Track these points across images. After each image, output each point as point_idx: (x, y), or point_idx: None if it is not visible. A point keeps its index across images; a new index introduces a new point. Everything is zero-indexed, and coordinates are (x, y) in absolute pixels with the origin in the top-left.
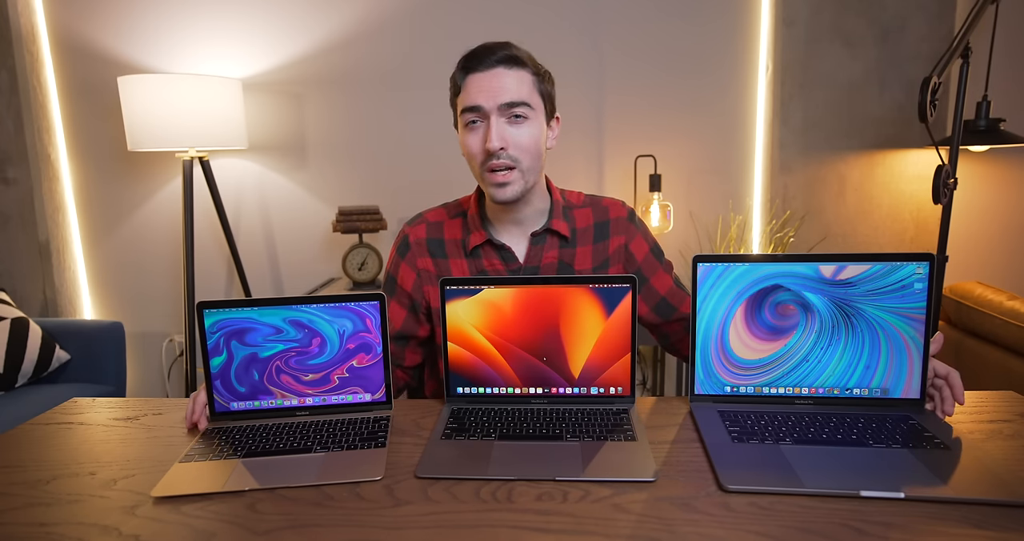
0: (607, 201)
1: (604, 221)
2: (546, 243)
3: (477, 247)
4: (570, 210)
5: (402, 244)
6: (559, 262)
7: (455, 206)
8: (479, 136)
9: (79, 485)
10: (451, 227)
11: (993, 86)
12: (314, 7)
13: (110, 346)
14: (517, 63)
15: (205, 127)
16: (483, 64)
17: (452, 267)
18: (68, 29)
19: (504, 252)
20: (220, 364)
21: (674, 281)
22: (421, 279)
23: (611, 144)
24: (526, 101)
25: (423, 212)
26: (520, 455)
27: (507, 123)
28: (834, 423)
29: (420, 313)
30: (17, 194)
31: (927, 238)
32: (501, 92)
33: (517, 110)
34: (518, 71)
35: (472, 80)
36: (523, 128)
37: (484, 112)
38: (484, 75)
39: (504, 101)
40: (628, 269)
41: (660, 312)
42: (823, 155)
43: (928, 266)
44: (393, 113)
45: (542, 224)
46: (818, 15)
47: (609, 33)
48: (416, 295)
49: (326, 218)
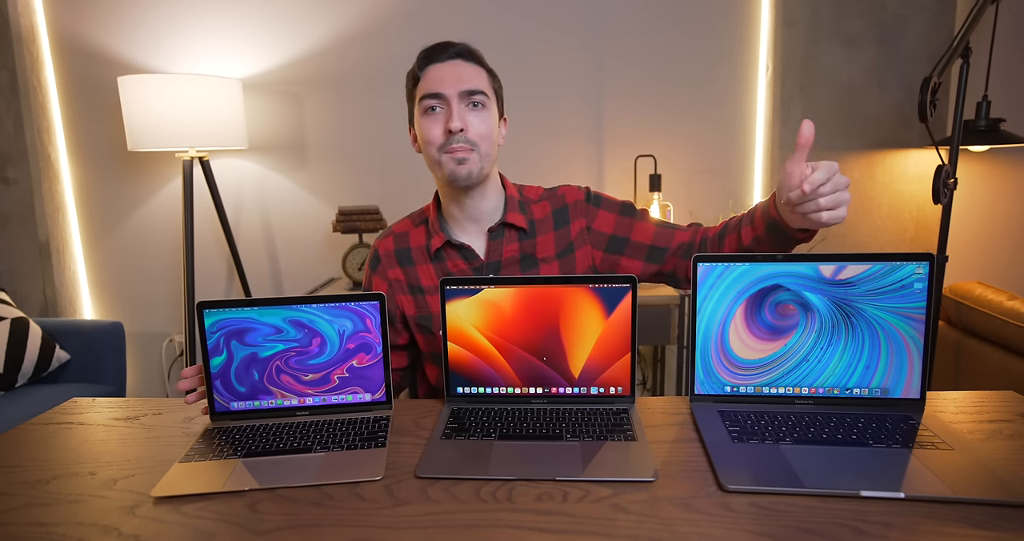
0: (563, 189)
1: (562, 207)
2: (504, 237)
3: (439, 249)
4: (527, 205)
5: (373, 258)
6: (520, 254)
7: (418, 215)
8: (439, 121)
9: (79, 485)
10: (416, 235)
11: (993, 86)
12: (314, 7)
13: (110, 346)
14: (473, 58)
15: (205, 127)
16: (443, 56)
17: (420, 274)
18: (68, 29)
19: (465, 251)
20: (220, 364)
21: (655, 224)
22: (393, 289)
23: (611, 144)
24: (484, 90)
25: (391, 225)
26: (520, 455)
27: (467, 109)
28: (834, 423)
29: (397, 322)
30: (17, 194)
31: (927, 238)
32: (460, 80)
33: (476, 98)
34: (474, 65)
35: (432, 70)
36: (482, 114)
37: (445, 98)
38: (443, 66)
39: (465, 89)
40: (598, 247)
41: (654, 258)
42: (823, 155)
43: (928, 266)
44: (393, 113)
45: (497, 219)
46: (818, 15)
47: (610, 33)
48: (391, 306)
49: (326, 218)
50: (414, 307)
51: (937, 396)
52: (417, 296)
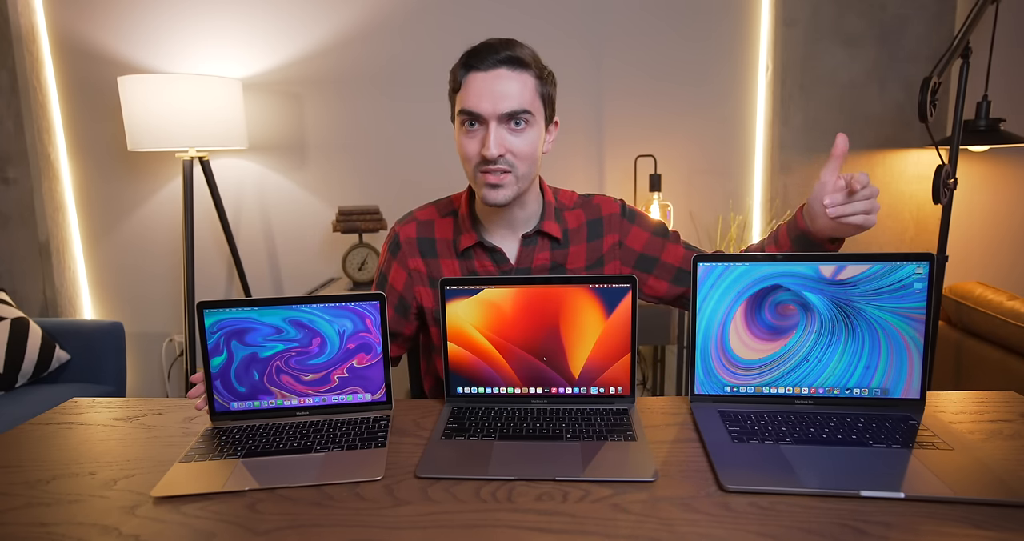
0: (598, 198)
1: (597, 218)
2: (537, 245)
3: (468, 248)
4: (562, 212)
5: (393, 243)
6: (551, 263)
7: (446, 204)
8: (476, 141)
9: (79, 485)
10: (442, 226)
11: (993, 86)
12: (314, 7)
13: (110, 346)
14: (520, 65)
15: (205, 127)
16: (485, 63)
17: (443, 267)
18: (68, 29)
19: (495, 254)
20: (220, 364)
21: (684, 247)
22: (412, 279)
23: (611, 144)
24: (527, 109)
25: (413, 210)
26: (520, 455)
27: (507, 131)
28: (834, 423)
29: (410, 313)
30: (17, 194)
31: (927, 238)
32: (502, 99)
33: (518, 117)
34: (521, 74)
35: (473, 79)
36: (523, 136)
37: (483, 119)
38: (486, 76)
39: (505, 111)
40: (627, 263)
41: (681, 281)
42: (823, 155)
43: (928, 266)
44: (393, 113)
45: (533, 226)
46: (818, 15)
47: (610, 32)
48: (407, 295)
49: (326, 218)
50: (433, 300)
51: (937, 396)
52: (437, 290)
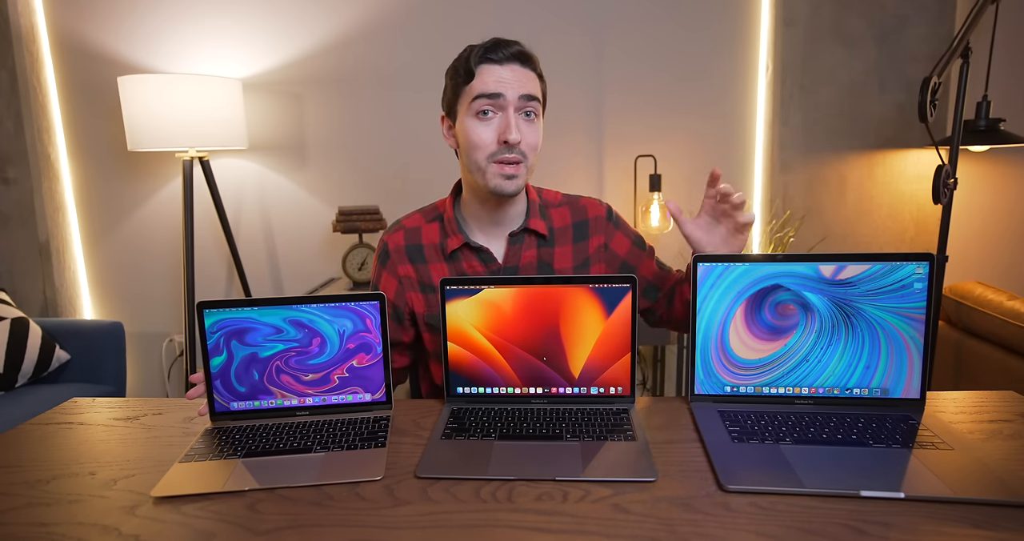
0: (584, 200)
1: (583, 220)
2: (524, 243)
3: (455, 250)
4: (547, 209)
5: (382, 253)
6: (538, 261)
7: (431, 210)
8: (492, 127)
9: (79, 485)
10: (429, 232)
11: (993, 86)
12: (314, 7)
13: (110, 346)
14: (529, 62)
15: (205, 127)
16: (501, 56)
17: (432, 272)
18: (68, 29)
19: (483, 254)
20: (220, 364)
21: (656, 264)
22: (403, 286)
23: (611, 144)
24: (538, 97)
25: (400, 218)
26: (520, 455)
27: (521, 119)
28: (834, 423)
29: (404, 320)
30: (17, 194)
31: (927, 238)
32: (519, 84)
33: (531, 105)
34: (528, 70)
35: (488, 69)
36: (534, 125)
37: (502, 102)
38: (502, 68)
39: (524, 93)
40: (612, 267)
41: (647, 295)
42: (823, 155)
43: (928, 266)
44: (393, 113)
45: (520, 224)
46: (818, 15)
47: (609, 33)
48: (399, 302)
49: (326, 218)
50: (424, 305)
51: (937, 396)
52: (428, 295)
